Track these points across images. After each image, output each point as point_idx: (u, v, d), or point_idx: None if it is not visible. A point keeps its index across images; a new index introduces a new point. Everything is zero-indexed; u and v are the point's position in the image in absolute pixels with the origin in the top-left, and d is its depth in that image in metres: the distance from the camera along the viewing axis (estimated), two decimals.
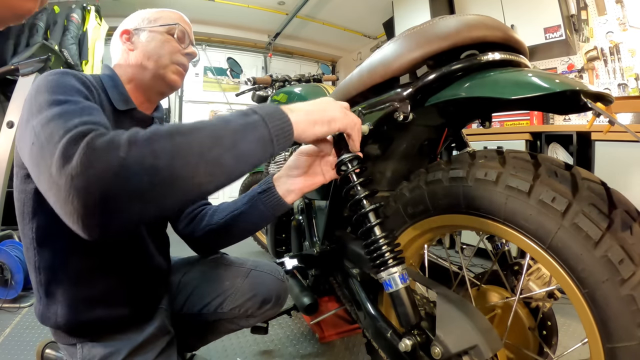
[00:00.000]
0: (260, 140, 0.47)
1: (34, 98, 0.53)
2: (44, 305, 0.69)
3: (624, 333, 0.47)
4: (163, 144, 0.42)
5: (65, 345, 0.72)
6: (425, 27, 0.64)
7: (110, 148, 0.39)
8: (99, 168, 0.38)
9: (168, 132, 0.43)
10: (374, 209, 0.62)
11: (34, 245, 0.67)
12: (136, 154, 0.40)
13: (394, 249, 0.62)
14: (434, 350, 0.59)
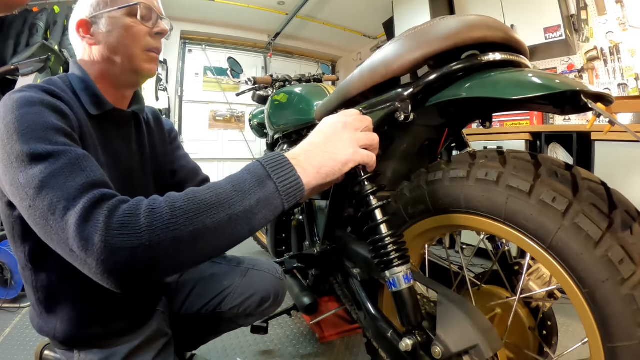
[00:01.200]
0: (274, 212, 0.48)
1: (7, 142, 0.49)
2: (43, 320, 0.68)
3: (624, 332, 0.47)
4: (182, 229, 0.42)
5: (63, 351, 0.71)
6: (426, 27, 0.64)
7: (135, 232, 0.41)
8: (127, 258, 0.41)
9: (186, 211, 0.43)
10: (380, 206, 0.62)
11: (29, 266, 0.65)
12: (158, 241, 0.42)
13: (400, 248, 0.61)
14: (434, 350, 0.59)
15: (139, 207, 0.43)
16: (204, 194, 0.45)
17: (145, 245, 0.41)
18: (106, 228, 0.41)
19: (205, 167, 1.10)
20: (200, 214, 0.43)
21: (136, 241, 0.41)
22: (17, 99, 0.54)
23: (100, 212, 0.42)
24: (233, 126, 4.54)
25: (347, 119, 0.57)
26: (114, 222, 0.42)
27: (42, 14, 3.00)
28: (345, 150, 0.53)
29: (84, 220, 0.42)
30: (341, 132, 0.55)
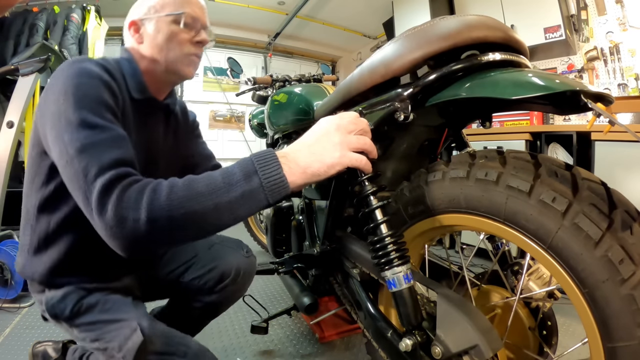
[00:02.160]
0: (257, 205, 0.53)
1: (62, 103, 0.58)
2: (27, 260, 0.77)
3: (624, 332, 0.47)
4: (175, 211, 0.50)
5: (36, 293, 0.79)
6: (426, 27, 0.64)
7: (137, 210, 0.49)
8: (130, 227, 0.49)
9: (180, 197, 0.50)
10: (381, 206, 0.62)
11: (36, 212, 0.73)
12: (154, 218, 0.49)
13: (400, 248, 0.61)
14: (434, 350, 0.59)
15: (146, 188, 0.51)
16: (198, 183, 0.52)
17: (143, 220, 0.49)
18: (118, 201, 0.50)
19: None
20: (191, 200, 0.50)
21: (137, 215, 0.49)
22: (80, 68, 0.63)
23: (119, 186, 0.51)
24: (233, 126, 4.54)
25: (341, 121, 0.58)
26: (124, 197, 0.50)
27: (42, 14, 3.01)
28: (333, 153, 0.55)
29: (106, 189, 0.51)
30: (332, 134, 0.56)
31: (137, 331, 0.74)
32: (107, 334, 0.75)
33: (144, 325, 0.75)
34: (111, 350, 0.74)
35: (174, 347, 0.77)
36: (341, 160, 0.55)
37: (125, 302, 0.80)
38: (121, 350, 0.73)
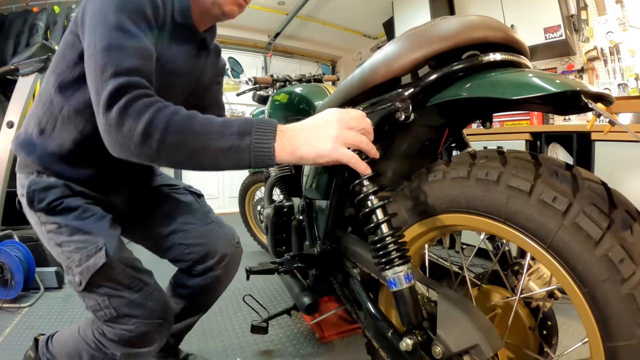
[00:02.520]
0: (238, 164, 0.56)
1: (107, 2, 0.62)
2: (28, 138, 0.80)
3: (624, 332, 0.47)
4: (168, 137, 0.54)
5: (21, 173, 0.82)
6: (426, 27, 0.64)
7: (137, 121, 0.54)
8: (126, 132, 0.54)
9: (177, 127, 0.54)
10: (382, 205, 0.62)
11: (53, 91, 0.76)
12: (150, 135, 0.54)
13: (401, 248, 0.61)
14: (434, 349, 0.59)
15: (152, 105, 0.55)
16: (197, 120, 0.55)
17: (138, 132, 0.53)
18: (123, 107, 0.55)
19: None
20: (185, 133, 0.54)
21: (135, 126, 0.53)
22: None
23: (129, 93, 0.55)
24: None
25: (345, 116, 0.59)
26: (132, 106, 0.55)
27: (42, 14, 3.01)
28: (325, 143, 0.56)
29: (116, 92, 0.55)
30: (332, 125, 0.58)
31: (102, 252, 0.75)
32: (72, 244, 0.76)
33: (111, 248, 0.76)
34: (71, 261, 0.75)
35: (131, 280, 0.78)
36: (331, 153, 0.56)
37: (102, 218, 0.81)
38: (80, 265, 0.74)
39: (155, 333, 0.80)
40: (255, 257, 2.44)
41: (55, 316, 1.56)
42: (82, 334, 0.85)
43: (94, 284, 0.74)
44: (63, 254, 0.77)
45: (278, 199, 1.46)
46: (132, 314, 0.76)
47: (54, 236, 0.78)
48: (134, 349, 0.79)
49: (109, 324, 0.77)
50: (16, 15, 2.99)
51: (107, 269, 0.74)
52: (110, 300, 0.75)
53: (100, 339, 0.80)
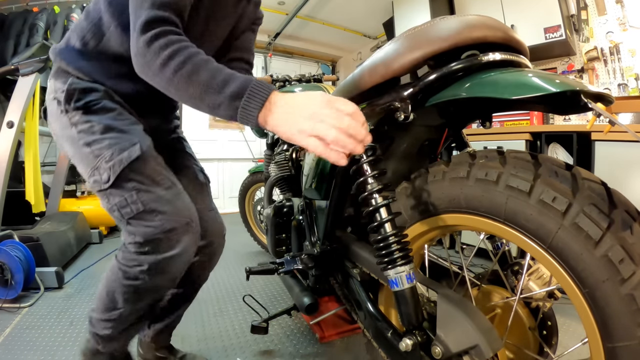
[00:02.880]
0: (224, 116, 0.62)
1: None
2: (70, 49, 0.83)
3: (624, 332, 0.47)
4: (177, 80, 0.62)
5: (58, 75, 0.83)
6: (426, 27, 0.64)
7: (158, 55, 0.62)
8: (148, 60, 0.63)
9: (187, 75, 0.61)
10: (386, 204, 0.62)
11: (104, 9, 0.79)
12: (163, 72, 0.62)
13: (403, 248, 0.61)
14: (434, 349, 0.59)
15: (174, 43, 0.62)
16: (203, 72, 0.61)
17: (155, 66, 0.62)
18: (149, 40, 0.63)
19: (206, 167, 1.13)
20: (190, 81, 0.61)
21: (156, 59, 0.62)
22: None
23: (159, 27, 0.63)
24: (233, 126, 4.54)
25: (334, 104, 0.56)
26: (157, 40, 0.62)
27: (42, 14, 3.01)
28: (298, 125, 0.56)
29: (148, 23, 0.63)
30: (312, 107, 0.56)
31: (137, 146, 0.77)
32: (105, 141, 0.76)
33: (145, 144, 0.78)
34: (100, 159, 0.75)
35: (161, 178, 0.79)
36: (299, 137, 0.57)
37: (137, 123, 0.83)
38: (111, 159, 0.75)
39: (181, 233, 0.77)
40: (255, 257, 2.44)
41: (55, 316, 1.56)
42: (108, 275, 0.83)
43: (124, 178, 0.75)
44: (92, 154, 0.76)
45: (278, 199, 1.46)
46: (160, 210, 0.75)
47: (84, 136, 0.77)
48: (159, 254, 0.76)
49: (134, 222, 0.76)
50: (16, 15, 2.99)
51: (139, 163, 0.75)
52: (139, 195, 0.75)
53: (125, 258, 0.78)
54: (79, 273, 2.13)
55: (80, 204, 2.99)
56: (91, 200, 3.08)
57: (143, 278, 0.78)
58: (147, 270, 0.77)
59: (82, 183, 3.18)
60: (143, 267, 0.77)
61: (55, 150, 3.31)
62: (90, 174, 0.77)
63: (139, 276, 0.78)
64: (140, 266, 0.77)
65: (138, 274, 0.78)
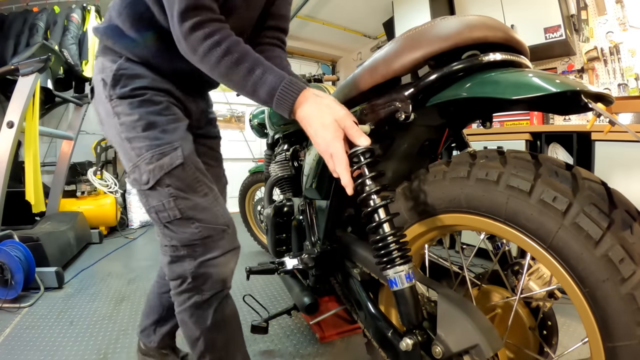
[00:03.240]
0: (262, 103, 0.68)
1: None
2: (113, 27, 0.79)
3: (624, 332, 0.47)
4: (218, 70, 0.66)
5: (107, 53, 0.81)
6: (426, 27, 0.64)
7: (204, 41, 0.65)
8: (190, 47, 0.66)
9: (224, 69, 0.66)
10: (384, 205, 0.62)
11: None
12: (203, 62, 0.67)
13: (402, 247, 0.61)
14: (434, 349, 0.60)
15: (212, 35, 0.65)
16: (239, 70, 0.65)
17: (200, 53, 0.65)
18: (189, 30, 0.65)
19: None
20: (228, 75, 0.66)
21: (198, 47, 0.65)
22: None
23: (196, 17, 0.64)
24: (233, 126, 4.54)
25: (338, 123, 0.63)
26: (194, 31, 0.64)
27: (42, 14, 3.01)
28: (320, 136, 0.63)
29: (185, 11, 0.64)
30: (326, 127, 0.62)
31: (179, 151, 0.75)
32: (146, 140, 0.74)
33: (186, 149, 0.76)
34: (140, 158, 0.74)
35: (199, 184, 0.77)
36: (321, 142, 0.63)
37: (181, 120, 0.81)
38: (151, 163, 0.73)
39: (218, 239, 0.77)
40: (255, 257, 2.44)
41: (55, 316, 1.56)
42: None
43: (162, 183, 0.73)
44: (132, 151, 0.75)
45: (278, 199, 1.46)
46: (197, 217, 0.75)
47: (125, 130, 0.75)
48: (196, 259, 0.76)
49: (171, 227, 0.76)
50: (16, 15, 2.99)
51: (179, 170, 0.74)
52: (176, 202, 0.74)
53: (170, 277, 0.79)
54: (79, 273, 2.13)
55: (80, 204, 3.00)
56: (91, 200, 3.08)
57: (193, 289, 0.78)
58: (193, 280, 0.77)
59: (82, 183, 3.18)
60: (188, 280, 0.77)
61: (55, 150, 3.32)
62: (130, 170, 0.77)
63: (190, 290, 0.78)
64: (185, 280, 0.77)
65: (187, 289, 0.78)
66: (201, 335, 0.80)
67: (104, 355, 1.25)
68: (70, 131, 2.87)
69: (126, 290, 1.88)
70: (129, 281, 2.02)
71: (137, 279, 2.06)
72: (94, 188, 3.15)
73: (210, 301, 0.79)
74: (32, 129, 2.10)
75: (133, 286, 1.94)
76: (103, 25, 0.83)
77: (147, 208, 0.77)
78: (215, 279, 0.79)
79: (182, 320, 0.82)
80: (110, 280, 2.03)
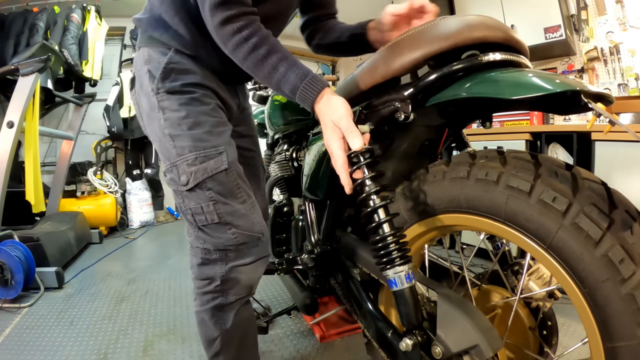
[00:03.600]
0: (288, 98, 0.71)
1: None
2: (156, 18, 0.78)
3: (624, 332, 0.47)
4: (247, 64, 0.67)
5: (154, 49, 0.78)
6: (426, 27, 0.64)
7: (233, 37, 0.66)
8: (222, 40, 0.68)
9: (251, 63, 0.67)
10: (383, 205, 0.62)
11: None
12: (233, 55, 0.69)
13: (402, 247, 0.61)
14: (434, 349, 0.59)
15: (242, 31, 0.66)
16: (265, 65, 0.66)
17: (230, 46, 0.67)
18: (222, 22, 0.66)
19: None
20: (255, 68, 0.67)
21: (229, 40, 0.66)
22: None
23: (228, 10, 0.65)
24: None
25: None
26: (228, 24, 0.65)
27: (42, 14, 3.01)
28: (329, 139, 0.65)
29: (216, 4, 0.65)
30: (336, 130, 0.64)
31: (223, 156, 0.74)
32: (189, 140, 0.73)
33: (230, 154, 0.75)
34: (181, 158, 0.73)
35: (239, 191, 0.76)
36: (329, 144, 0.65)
37: (226, 125, 0.80)
38: (194, 165, 0.72)
39: (252, 247, 0.78)
40: None
41: (55, 316, 1.56)
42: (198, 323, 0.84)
43: (204, 186, 0.72)
44: (174, 149, 0.73)
45: (278, 199, 1.46)
46: (234, 224, 0.75)
47: (169, 126, 0.74)
48: (227, 264, 0.77)
49: (206, 231, 0.75)
50: (16, 15, 2.99)
51: (222, 175, 0.73)
52: (216, 206, 0.73)
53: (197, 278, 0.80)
54: (79, 273, 2.13)
55: (80, 204, 3.00)
56: (91, 200, 3.08)
57: (220, 291, 0.79)
58: (222, 283, 0.78)
59: (82, 183, 3.18)
60: (217, 282, 0.78)
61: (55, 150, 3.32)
62: (168, 168, 0.75)
63: (217, 292, 0.79)
64: (213, 281, 0.78)
65: (213, 290, 0.78)
66: (219, 336, 0.81)
67: (104, 355, 1.25)
68: (70, 131, 2.87)
69: (126, 290, 1.88)
70: (129, 281, 2.02)
71: (137, 279, 2.06)
72: (94, 188, 3.15)
73: (233, 304, 0.80)
74: (32, 129, 2.10)
75: (133, 286, 1.94)
76: (145, 15, 0.80)
77: (183, 209, 0.76)
78: (243, 285, 0.80)
79: (202, 320, 0.82)
80: (110, 281, 2.03)
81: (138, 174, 3.68)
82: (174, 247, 2.77)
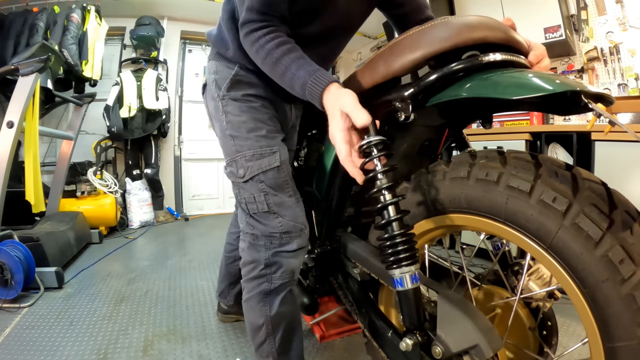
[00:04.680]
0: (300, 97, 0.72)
1: None
2: (222, 36, 0.90)
3: (624, 332, 0.47)
4: (265, 68, 0.75)
5: (222, 63, 0.91)
6: (426, 27, 0.64)
7: (253, 45, 0.74)
8: (246, 48, 0.77)
9: (268, 67, 0.74)
10: (394, 202, 0.61)
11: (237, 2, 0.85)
12: (255, 59, 0.76)
13: (410, 247, 0.61)
14: (434, 349, 0.60)
15: (259, 40, 0.73)
16: (278, 67, 0.72)
17: (251, 53, 0.76)
18: (247, 33, 0.75)
19: (205, 167, 1.14)
20: (272, 70, 0.74)
21: (250, 49, 0.76)
22: None
23: (252, 25, 0.74)
24: None
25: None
26: (250, 34, 0.74)
27: (42, 14, 3.01)
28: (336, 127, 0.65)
29: (244, 23, 0.75)
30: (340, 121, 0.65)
31: (277, 155, 0.84)
32: (248, 140, 0.84)
33: (283, 154, 0.85)
34: (240, 154, 0.84)
35: (288, 186, 0.86)
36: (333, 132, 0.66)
37: (279, 132, 0.90)
38: (251, 160, 0.83)
39: (295, 237, 0.85)
40: None
41: (55, 316, 1.56)
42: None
43: (257, 179, 0.83)
44: (234, 147, 0.85)
45: None
46: (281, 214, 0.84)
47: (230, 128, 0.85)
48: (271, 249, 0.84)
49: (256, 218, 0.85)
50: (16, 15, 2.99)
51: (274, 171, 0.83)
52: (266, 197, 0.83)
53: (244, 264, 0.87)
54: (79, 273, 2.13)
55: (80, 204, 2.99)
56: (91, 200, 3.08)
57: (264, 276, 0.85)
58: (266, 267, 0.85)
59: (82, 183, 3.18)
60: (261, 266, 0.85)
61: (55, 150, 3.32)
62: (228, 163, 0.87)
63: (262, 276, 0.86)
64: (258, 265, 0.85)
65: (258, 275, 0.86)
66: (264, 323, 0.88)
67: (104, 355, 1.25)
68: (70, 131, 2.87)
69: (126, 290, 1.88)
70: (129, 281, 2.02)
71: (137, 279, 2.06)
72: (94, 188, 3.15)
73: (278, 290, 0.87)
74: (32, 129, 2.10)
75: (133, 286, 1.94)
76: (214, 31, 0.94)
77: (238, 198, 0.87)
78: (285, 269, 0.86)
79: (249, 307, 0.89)
80: (110, 280, 2.03)
81: (138, 174, 3.68)
82: (174, 247, 2.77)
